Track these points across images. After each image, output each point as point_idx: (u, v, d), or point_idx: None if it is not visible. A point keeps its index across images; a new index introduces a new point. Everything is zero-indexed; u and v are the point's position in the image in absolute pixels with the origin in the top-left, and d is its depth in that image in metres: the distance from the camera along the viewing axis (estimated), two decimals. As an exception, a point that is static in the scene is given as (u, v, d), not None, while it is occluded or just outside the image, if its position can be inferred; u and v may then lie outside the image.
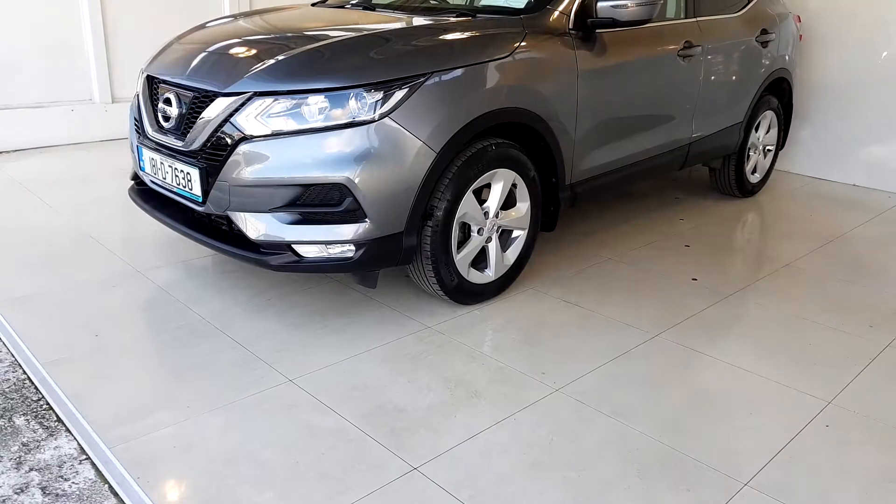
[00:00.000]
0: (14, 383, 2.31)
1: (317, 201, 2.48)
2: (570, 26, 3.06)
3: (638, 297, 3.14)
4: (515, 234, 3.02)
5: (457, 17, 3.07)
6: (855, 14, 5.03)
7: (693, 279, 3.36)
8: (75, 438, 2.04)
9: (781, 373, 2.56)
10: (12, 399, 2.22)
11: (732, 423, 2.25)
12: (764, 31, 4.32)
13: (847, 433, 2.22)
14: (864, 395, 2.44)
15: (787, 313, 3.05)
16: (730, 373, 2.55)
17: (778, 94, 4.71)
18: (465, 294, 2.90)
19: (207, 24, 3.41)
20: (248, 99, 2.49)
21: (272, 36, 3.04)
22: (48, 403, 2.20)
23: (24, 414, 2.15)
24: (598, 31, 3.15)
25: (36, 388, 2.28)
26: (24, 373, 2.37)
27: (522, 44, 2.86)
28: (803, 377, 2.53)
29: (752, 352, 2.71)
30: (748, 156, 4.58)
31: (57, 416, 2.14)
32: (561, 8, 3.05)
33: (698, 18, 3.84)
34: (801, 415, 2.31)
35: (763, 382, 2.49)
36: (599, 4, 3.03)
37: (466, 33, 2.82)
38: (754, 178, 4.74)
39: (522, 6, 3.16)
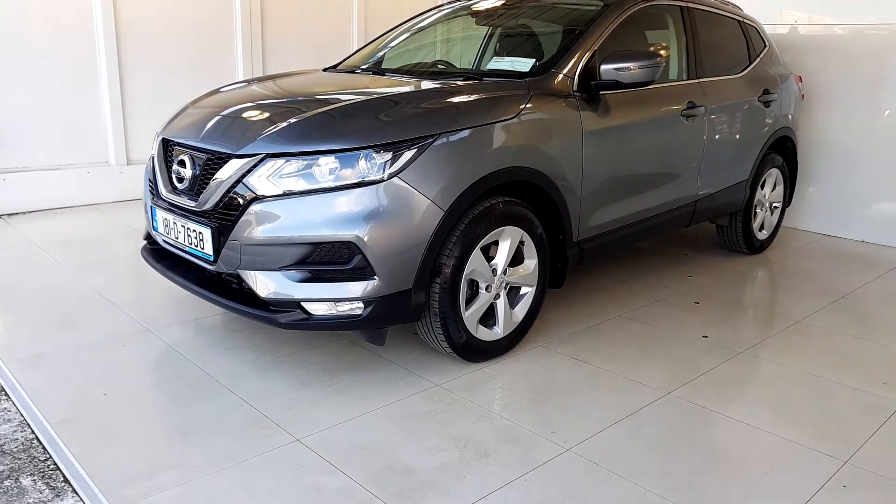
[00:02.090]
0: (22, 443, 2.30)
1: (326, 259, 2.51)
2: (575, 88, 3.13)
3: (648, 354, 3.12)
4: (524, 290, 3.03)
5: (464, 80, 3.16)
6: (856, 74, 5.13)
7: (704, 336, 3.34)
8: (82, 500, 2.02)
9: (796, 432, 2.52)
10: (20, 459, 2.21)
11: (747, 483, 2.20)
12: (766, 92, 4.41)
13: (865, 493, 2.17)
14: (881, 454, 2.39)
15: (800, 371, 3.02)
16: (743, 432, 2.51)
17: (782, 153, 4.78)
18: (474, 351, 2.89)
19: (222, 89, 3.51)
20: (261, 160, 2.55)
21: (284, 100, 3.13)
22: (55, 463, 2.19)
23: (31, 474, 2.13)
24: (601, 92, 3.22)
25: (44, 447, 2.27)
26: (33, 432, 2.36)
27: (528, 105, 2.93)
28: (819, 436, 2.49)
29: (766, 410, 2.67)
30: (755, 213, 4.62)
31: (64, 476, 2.13)
32: (565, 71, 3.14)
33: (700, 80, 3.93)
34: (817, 475, 2.26)
35: (777, 441, 2.45)
36: (602, 67, 3.11)
37: (473, 96, 2.89)
38: (762, 235, 4.76)
39: (527, 70, 3.25)
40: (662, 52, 3.84)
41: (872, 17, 5.00)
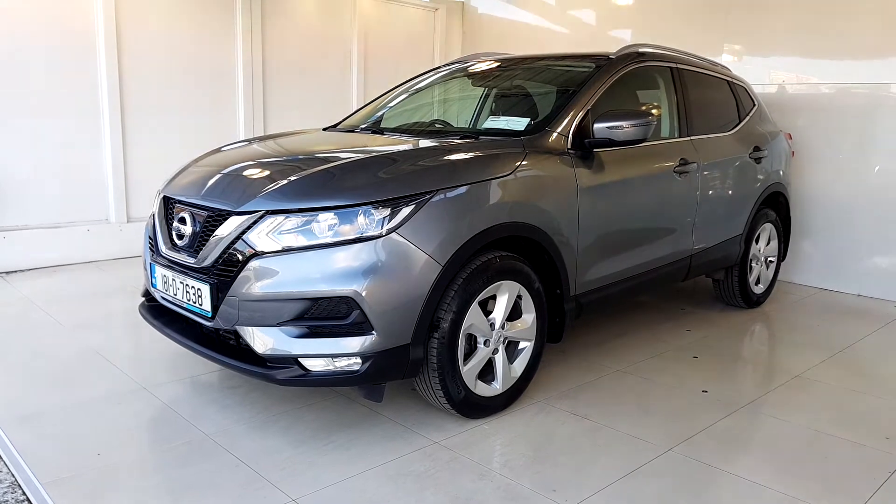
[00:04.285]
0: (12, 504, 2.25)
1: (324, 314, 2.52)
2: (569, 146, 3.20)
3: (648, 409, 3.09)
4: (522, 345, 3.02)
5: (461, 138, 3.22)
6: (844, 131, 5.24)
7: (703, 391, 3.31)
8: (71, 563, 1.97)
9: (800, 488, 2.48)
10: (9, 521, 2.16)
11: (752, 541, 2.16)
12: (756, 149, 4.50)
13: (873, 552, 2.13)
14: (887, 510, 2.36)
15: (802, 426, 2.99)
16: (746, 489, 2.47)
17: (775, 208, 4.84)
18: (473, 407, 2.87)
19: (223, 148, 3.58)
20: (261, 217, 2.58)
21: (285, 158, 3.18)
22: (45, 525, 2.14)
23: (19, 537, 2.09)
24: (595, 150, 3.29)
25: (34, 509, 2.23)
26: (24, 494, 2.31)
27: (524, 163, 2.99)
28: (823, 492, 2.45)
29: (768, 466, 2.63)
30: (751, 267, 4.65)
31: (53, 538, 2.08)
32: (559, 130, 3.21)
33: (692, 137, 4.02)
34: (823, 532, 2.22)
35: (781, 498, 2.41)
36: (596, 126, 3.18)
37: (470, 153, 2.95)
38: (758, 289, 4.78)
39: (523, 128, 3.32)
40: (654, 110, 3.94)
41: (857, 77, 5.15)
